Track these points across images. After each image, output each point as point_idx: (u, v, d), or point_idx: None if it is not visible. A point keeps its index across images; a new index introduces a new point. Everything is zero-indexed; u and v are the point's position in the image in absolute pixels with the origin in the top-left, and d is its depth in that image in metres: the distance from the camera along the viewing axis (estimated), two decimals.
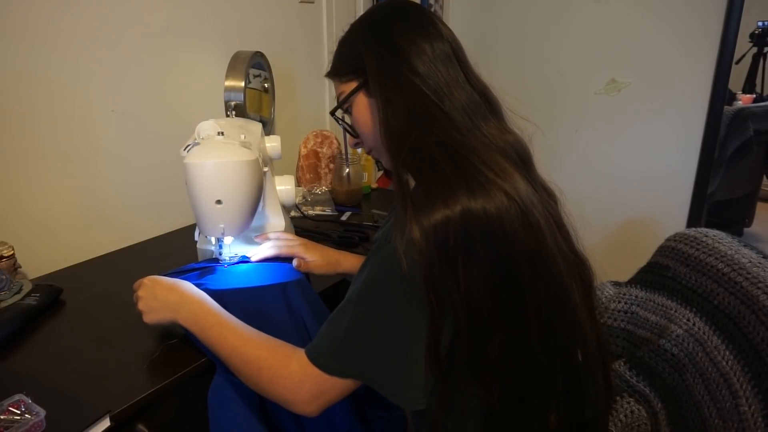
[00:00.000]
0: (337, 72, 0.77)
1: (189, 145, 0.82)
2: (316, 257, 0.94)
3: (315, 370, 0.64)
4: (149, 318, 0.77)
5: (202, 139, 0.82)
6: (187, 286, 0.79)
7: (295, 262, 0.92)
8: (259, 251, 0.95)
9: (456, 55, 0.71)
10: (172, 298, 0.77)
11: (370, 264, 0.64)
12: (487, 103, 0.71)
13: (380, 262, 0.62)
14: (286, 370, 0.66)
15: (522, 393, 0.63)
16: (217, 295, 0.81)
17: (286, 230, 1.06)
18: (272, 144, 1.05)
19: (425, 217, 0.57)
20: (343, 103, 0.76)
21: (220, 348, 0.72)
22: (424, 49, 0.68)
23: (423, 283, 0.57)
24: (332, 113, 0.81)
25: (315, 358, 0.65)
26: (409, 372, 0.61)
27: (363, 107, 0.74)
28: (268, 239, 0.97)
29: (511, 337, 0.60)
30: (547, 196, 0.70)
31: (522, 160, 0.69)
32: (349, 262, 0.98)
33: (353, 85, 0.74)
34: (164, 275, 0.83)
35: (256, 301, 0.82)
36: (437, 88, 0.67)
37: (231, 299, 0.81)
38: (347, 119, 0.79)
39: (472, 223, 0.57)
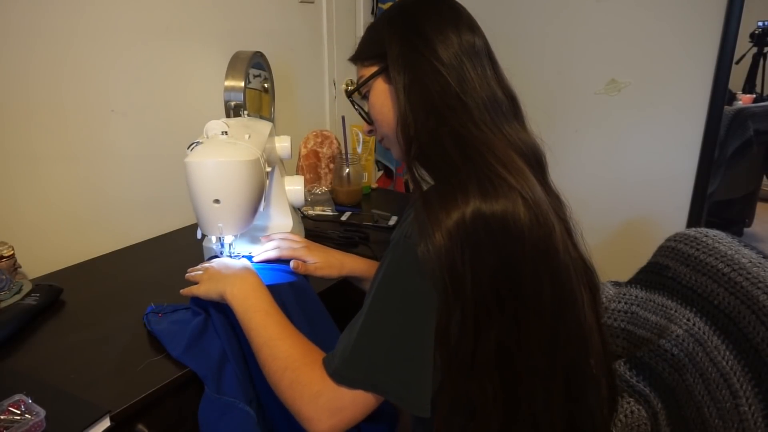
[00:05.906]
0: (360, 56, 0.76)
1: (193, 144, 0.82)
2: (318, 259, 0.93)
3: (332, 383, 0.62)
4: (205, 286, 0.79)
5: (207, 137, 0.83)
6: (254, 271, 0.82)
7: (292, 264, 0.91)
8: (262, 252, 0.94)
9: (486, 51, 0.69)
10: (234, 271, 0.80)
11: (387, 261, 0.62)
12: (511, 104, 0.69)
13: (398, 258, 0.61)
14: (308, 377, 0.64)
15: (512, 396, 0.60)
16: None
17: (293, 230, 1.05)
18: (282, 144, 1.05)
19: (442, 213, 0.56)
20: (361, 86, 0.75)
21: (256, 335, 0.71)
22: (452, 40, 0.67)
23: (440, 279, 0.56)
24: (349, 96, 0.80)
25: (328, 364, 0.63)
26: (426, 376, 0.59)
27: (380, 93, 0.73)
28: (272, 240, 0.96)
29: (506, 332, 0.58)
30: (558, 202, 0.69)
31: (538, 163, 0.68)
32: (353, 263, 0.96)
33: (373, 69, 0.73)
34: (151, 311, 0.86)
35: None
36: (460, 79, 0.65)
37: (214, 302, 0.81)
38: (364, 106, 0.78)
39: (484, 221, 0.56)
